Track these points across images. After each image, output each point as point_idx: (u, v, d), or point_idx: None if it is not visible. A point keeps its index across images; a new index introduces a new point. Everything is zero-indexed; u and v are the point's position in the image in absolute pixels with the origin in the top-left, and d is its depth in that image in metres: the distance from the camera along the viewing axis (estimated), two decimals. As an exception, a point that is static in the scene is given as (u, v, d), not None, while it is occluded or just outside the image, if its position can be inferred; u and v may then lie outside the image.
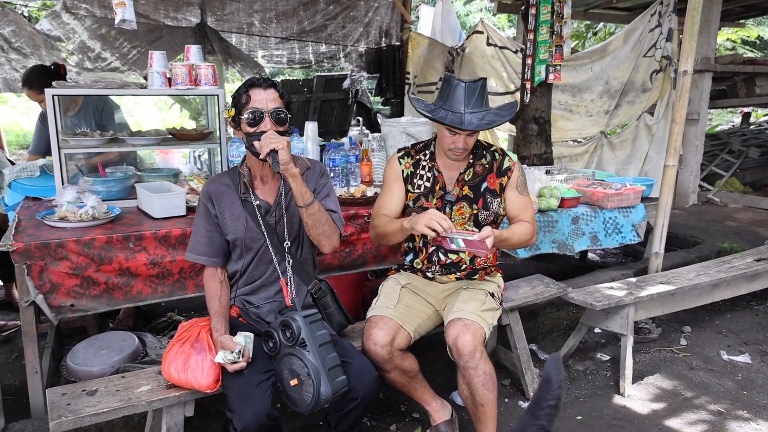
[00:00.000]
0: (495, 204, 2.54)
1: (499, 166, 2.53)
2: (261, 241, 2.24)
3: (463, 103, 2.33)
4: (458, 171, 2.53)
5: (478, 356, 2.29)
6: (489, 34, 5.84)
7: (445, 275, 2.62)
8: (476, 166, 2.53)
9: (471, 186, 2.52)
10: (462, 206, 2.52)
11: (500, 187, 2.53)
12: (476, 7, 13.96)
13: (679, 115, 3.80)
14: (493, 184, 2.52)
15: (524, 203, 2.56)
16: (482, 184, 2.52)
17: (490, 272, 2.68)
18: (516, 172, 2.54)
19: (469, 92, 2.33)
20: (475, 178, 2.52)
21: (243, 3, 5.31)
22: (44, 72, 3.66)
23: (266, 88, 2.14)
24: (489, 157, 2.55)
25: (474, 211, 2.52)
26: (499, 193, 2.54)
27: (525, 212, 2.56)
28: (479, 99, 2.35)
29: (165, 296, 2.64)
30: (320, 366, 1.98)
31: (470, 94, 2.33)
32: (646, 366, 3.45)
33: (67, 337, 3.55)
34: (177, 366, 2.08)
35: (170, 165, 4.48)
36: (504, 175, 2.53)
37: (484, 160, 2.54)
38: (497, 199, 2.54)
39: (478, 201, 2.52)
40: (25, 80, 3.72)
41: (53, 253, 2.39)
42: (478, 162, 2.54)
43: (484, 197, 2.52)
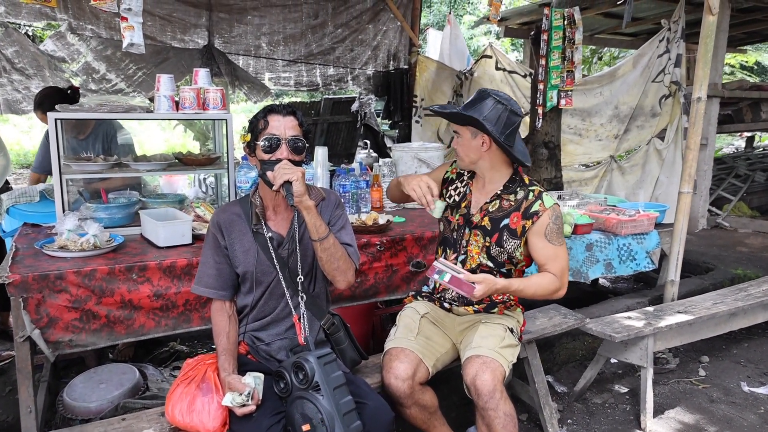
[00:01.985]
0: (511, 244, 2.38)
1: (527, 207, 2.37)
2: (272, 275, 2.13)
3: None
4: (485, 198, 2.44)
5: (498, 396, 2.18)
6: (498, 58, 5.82)
7: (463, 306, 2.51)
8: (504, 199, 2.41)
9: (492, 218, 2.41)
10: (477, 234, 2.43)
11: (522, 230, 2.37)
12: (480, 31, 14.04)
13: (693, 141, 3.74)
14: (515, 224, 2.38)
15: (554, 253, 2.35)
16: (503, 220, 2.39)
17: (509, 306, 2.56)
18: (545, 219, 2.34)
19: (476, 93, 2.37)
20: (499, 212, 2.40)
21: (251, 26, 5.28)
22: (58, 94, 3.52)
23: (285, 115, 2.07)
24: (521, 195, 2.40)
25: (487, 244, 2.41)
26: (519, 236, 2.38)
27: (553, 263, 2.35)
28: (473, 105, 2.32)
29: (169, 330, 2.52)
30: (335, 411, 1.86)
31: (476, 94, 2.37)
32: (665, 398, 3.35)
33: (64, 368, 3.42)
34: (182, 408, 1.96)
35: (175, 189, 4.39)
36: (530, 218, 2.36)
37: (514, 197, 2.40)
38: (516, 240, 2.38)
39: (493, 235, 2.39)
40: (38, 103, 3.57)
41: (52, 285, 2.28)
42: (507, 196, 2.41)
43: (501, 233, 2.39)
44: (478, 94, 2.35)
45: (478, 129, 2.29)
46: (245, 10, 5.17)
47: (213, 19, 5.14)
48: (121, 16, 2.50)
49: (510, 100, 2.31)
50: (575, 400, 3.32)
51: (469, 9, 15.21)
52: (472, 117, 2.24)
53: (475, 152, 2.36)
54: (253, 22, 5.29)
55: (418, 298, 2.65)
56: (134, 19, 2.52)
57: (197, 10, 5.03)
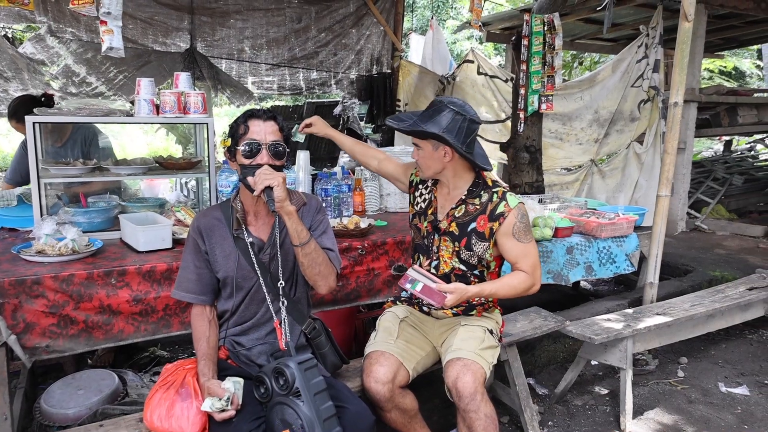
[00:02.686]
0: (480, 247, 2.39)
1: (492, 210, 2.37)
2: (253, 280, 2.13)
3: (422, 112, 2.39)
4: (451, 204, 2.45)
5: (479, 398, 2.19)
6: (480, 63, 5.86)
7: (441, 309, 2.52)
8: (469, 204, 2.42)
9: (459, 223, 2.41)
10: (446, 240, 2.43)
11: (490, 232, 2.38)
12: (464, 35, 14.12)
13: (670, 145, 3.80)
14: (483, 227, 2.38)
15: (523, 251, 2.37)
16: (470, 224, 2.39)
17: (488, 308, 2.58)
18: (511, 219, 2.34)
19: (430, 106, 2.37)
20: (465, 216, 2.41)
21: (234, 29, 5.26)
22: (33, 103, 3.42)
23: (266, 120, 2.07)
24: (486, 197, 2.40)
25: (456, 248, 2.42)
26: (487, 238, 2.38)
27: (524, 261, 2.37)
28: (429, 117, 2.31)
29: (149, 335, 2.50)
30: (315, 417, 1.86)
31: (430, 106, 2.37)
32: (645, 400, 3.39)
33: (42, 375, 3.38)
34: (160, 414, 1.95)
35: (156, 192, 4.37)
36: (496, 220, 2.36)
37: (478, 200, 2.41)
38: (484, 243, 2.39)
39: (462, 240, 2.40)
40: (12, 112, 3.50)
41: (28, 290, 2.25)
42: (472, 200, 2.42)
43: (469, 237, 2.39)
44: (433, 105, 2.35)
45: (440, 142, 2.30)
46: (228, 14, 5.16)
47: (195, 22, 5.12)
48: (100, 19, 2.49)
49: (466, 108, 2.31)
50: (556, 402, 3.35)
51: (452, 14, 15.29)
52: (431, 132, 2.25)
53: (437, 163, 2.36)
54: (236, 26, 5.28)
55: (397, 302, 2.66)
56: (113, 23, 2.50)
57: (179, 14, 5.00)
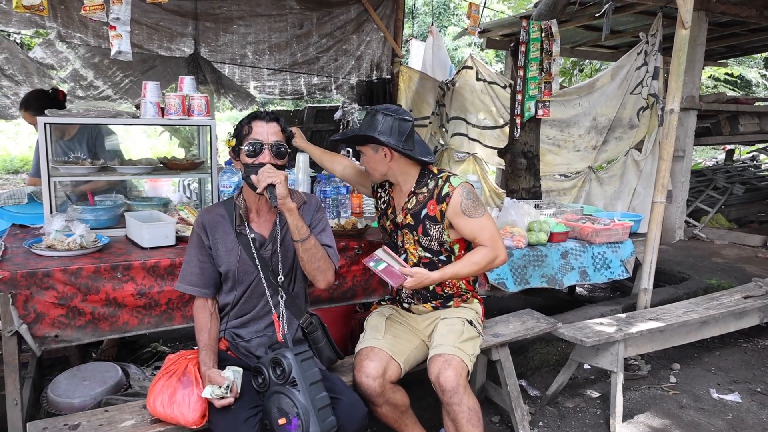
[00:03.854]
0: (436, 230, 2.50)
1: (438, 193, 2.49)
2: (254, 275, 2.22)
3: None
4: (404, 199, 2.57)
5: (462, 391, 2.27)
6: (478, 69, 5.93)
7: (421, 304, 2.62)
8: (418, 194, 2.54)
9: (412, 213, 2.54)
10: (406, 233, 2.56)
11: (441, 214, 2.48)
12: (464, 42, 14.22)
13: (666, 152, 3.86)
14: (433, 211, 2.49)
15: (478, 225, 2.45)
16: (422, 211, 2.52)
17: (466, 299, 2.67)
18: (456, 197, 2.44)
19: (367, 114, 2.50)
20: (417, 206, 2.53)
21: (237, 35, 5.36)
22: (44, 96, 3.63)
23: (269, 122, 2.17)
24: (432, 184, 2.52)
25: (415, 237, 2.54)
26: (439, 220, 2.49)
27: (481, 234, 2.45)
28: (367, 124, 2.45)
29: (152, 327, 2.59)
30: (310, 406, 1.94)
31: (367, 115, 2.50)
32: (636, 404, 3.43)
33: (49, 367, 3.47)
34: (162, 400, 2.03)
35: (159, 193, 4.46)
36: (443, 201, 2.47)
37: (426, 189, 2.53)
38: (438, 225, 2.50)
39: (418, 228, 2.52)
40: (23, 102, 3.67)
41: (39, 282, 2.34)
42: (420, 190, 2.54)
43: (423, 224, 2.51)
44: (368, 113, 2.51)
45: (377, 144, 2.43)
46: (231, 20, 5.26)
47: (199, 28, 5.22)
48: (109, 25, 2.59)
49: (398, 110, 2.47)
50: (547, 403, 3.40)
51: (453, 20, 15.40)
52: (366, 135, 2.40)
53: (381, 164, 2.49)
54: (239, 32, 5.37)
55: (381, 303, 2.78)
56: (122, 28, 2.60)
57: (184, 20, 5.10)
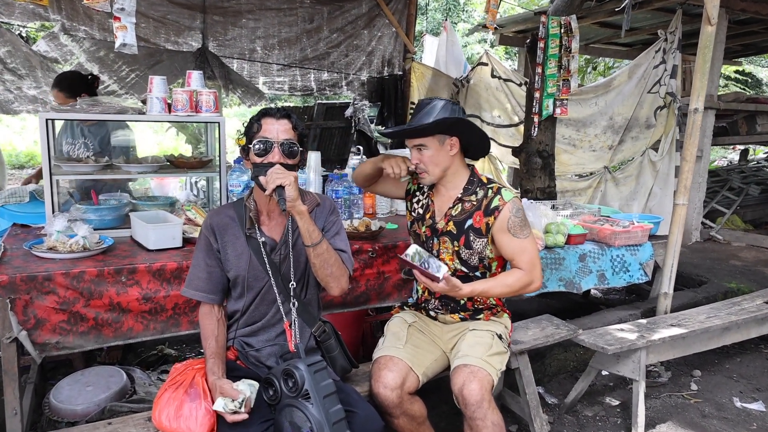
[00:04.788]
0: (479, 244, 2.37)
1: (487, 204, 2.36)
2: (264, 280, 2.11)
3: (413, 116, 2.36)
4: (448, 204, 2.43)
5: (486, 406, 2.16)
6: (494, 66, 5.82)
7: (448, 314, 2.50)
8: (465, 201, 2.40)
9: (456, 222, 2.40)
10: (445, 241, 2.42)
11: (486, 227, 2.35)
12: (475, 39, 14.08)
13: (689, 153, 3.74)
14: (479, 223, 2.36)
15: (519, 247, 2.32)
16: (467, 221, 2.38)
17: (496, 312, 2.55)
18: (506, 213, 2.32)
19: (419, 106, 2.35)
20: (462, 214, 2.40)
21: (245, 29, 5.25)
22: (80, 80, 3.58)
23: (279, 118, 2.05)
24: (481, 194, 2.39)
25: (456, 248, 2.40)
26: (484, 234, 2.36)
27: (521, 257, 2.32)
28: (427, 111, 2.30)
29: (157, 333, 2.49)
30: (324, 420, 1.84)
31: (419, 107, 2.35)
32: (657, 412, 3.32)
33: (51, 370, 3.39)
34: (169, 413, 1.93)
35: (166, 191, 4.37)
36: (491, 214, 2.34)
37: (475, 197, 2.39)
38: (482, 239, 2.37)
39: (460, 238, 2.38)
40: (57, 81, 3.62)
41: (40, 286, 2.24)
42: (468, 198, 2.40)
43: (466, 235, 2.37)
44: (420, 105, 2.36)
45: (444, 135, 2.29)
46: (240, 14, 5.15)
47: (207, 21, 5.11)
48: (113, 15, 2.48)
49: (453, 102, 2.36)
50: (566, 412, 3.30)
51: (463, 17, 15.25)
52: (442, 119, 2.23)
53: (445, 159, 2.35)
54: (248, 26, 5.26)
55: (404, 308, 2.64)
56: (127, 19, 2.49)
57: (191, 13, 5.00)
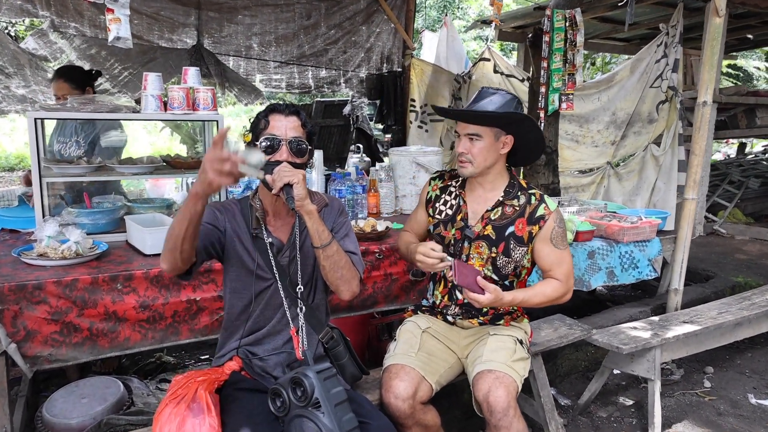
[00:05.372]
0: (518, 253, 2.27)
1: (532, 212, 2.26)
2: (271, 283, 2.00)
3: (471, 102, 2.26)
4: (486, 206, 2.30)
5: (512, 414, 2.05)
6: (496, 61, 5.71)
7: (467, 319, 2.38)
8: (506, 205, 2.28)
9: (496, 226, 2.27)
10: (481, 246, 2.28)
11: (529, 236, 2.26)
12: (470, 36, 13.99)
13: (698, 146, 3.67)
14: (521, 231, 2.26)
15: (559, 258, 2.27)
16: (508, 228, 2.26)
17: (516, 317, 2.44)
18: (551, 223, 2.25)
19: (482, 94, 2.24)
20: (503, 219, 2.27)
21: (242, 25, 5.12)
22: (84, 72, 3.54)
23: (288, 115, 1.95)
24: (524, 200, 2.28)
25: (493, 255, 2.27)
26: (526, 242, 2.26)
27: (558, 269, 2.26)
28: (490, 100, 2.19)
29: (156, 342, 2.37)
30: (336, 429, 1.73)
31: (482, 95, 2.24)
32: (672, 411, 3.24)
33: (44, 381, 3.26)
34: (170, 430, 1.80)
35: (161, 193, 4.25)
36: (536, 223, 2.25)
37: (517, 202, 2.28)
38: (523, 248, 2.27)
39: (500, 245, 2.26)
40: (64, 71, 3.55)
41: (30, 296, 2.12)
42: (510, 201, 2.28)
43: (507, 242, 2.26)
44: (484, 91, 2.25)
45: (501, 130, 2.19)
46: (236, 10, 5.02)
47: (202, 18, 4.98)
48: (107, 7, 2.36)
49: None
50: (580, 413, 3.21)
51: (458, 14, 15.16)
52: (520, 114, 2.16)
53: (494, 155, 2.23)
54: (244, 22, 5.13)
55: (418, 312, 2.50)
56: (121, 11, 2.37)
57: (186, 9, 4.86)
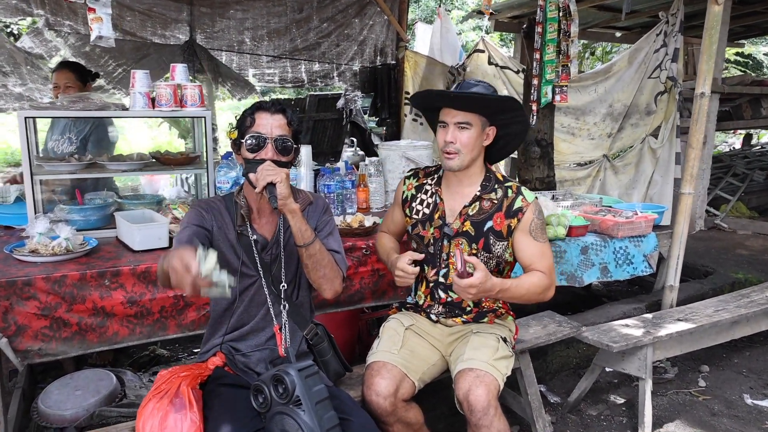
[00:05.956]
0: (499, 247, 2.25)
1: (509, 205, 2.23)
2: (255, 280, 2.01)
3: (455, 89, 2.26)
4: (463, 202, 2.28)
5: (492, 412, 2.04)
6: (490, 53, 5.69)
7: (450, 318, 2.37)
8: (484, 200, 2.25)
9: (474, 222, 2.25)
10: (460, 243, 2.26)
11: (507, 230, 2.23)
12: (469, 26, 13.90)
13: (695, 139, 3.64)
14: (500, 225, 2.23)
15: (540, 251, 2.22)
16: (487, 223, 2.24)
17: (500, 314, 2.42)
18: (529, 215, 2.21)
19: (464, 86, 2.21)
20: (480, 214, 2.25)
21: (234, 20, 5.12)
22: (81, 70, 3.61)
23: (273, 113, 1.95)
24: (500, 193, 2.26)
25: (473, 251, 2.26)
26: (505, 236, 2.24)
27: (540, 261, 2.21)
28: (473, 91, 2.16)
29: (144, 337, 2.40)
30: (317, 428, 1.74)
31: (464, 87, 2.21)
32: (664, 411, 3.23)
33: (42, 372, 3.31)
34: (153, 425, 1.83)
35: (156, 188, 4.26)
36: (514, 216, 2.22)
37: (494, 195, 2.26)
38: (502, 242, 2.25)
39: (479, 241, 2.24)
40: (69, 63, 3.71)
41: (20, 291, 2.16)
42: (487, 196, 2.26)
43: (486, 238, 2.24)
44: (464, 84, 2.22)
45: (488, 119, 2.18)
46: (227, 5, 5.02)
47: (194, 13, 4.99)
48: (88, 7, 2.37)
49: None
50: (569, 411, 3.20)
51: (457, 4, 15.07)
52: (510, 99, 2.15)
53: (478, 148, 2.21)
54: (236, 17, 5.13)
55: (402, 309, 2.50)
56: (102, 10, 2.38)
57: (178, 5, 4.87)
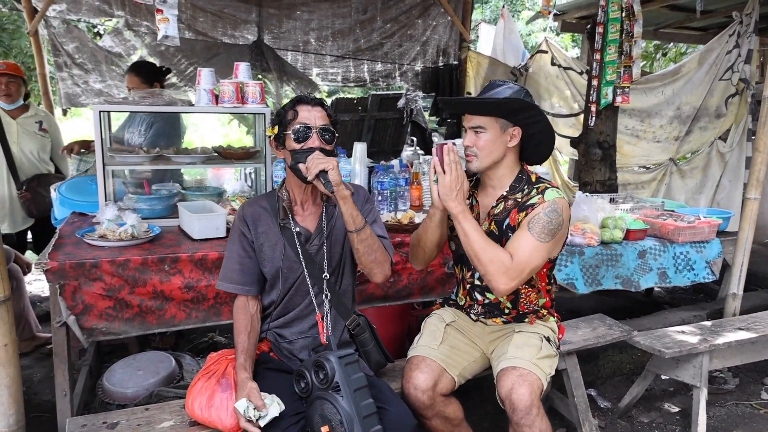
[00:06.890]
0: None
1: (524, 201, 2.17)
2: (299, 271, 2.09)
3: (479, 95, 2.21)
4: (491, 203, 2.26)
5: (535, 412, 2.03)
6: (553, 53, 5.60)
7: (490, 318, 2.37)
8: (509, 200, 2.22)
9: (497, 221, 2.22)
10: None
11: (519, 225, 2.16)
12: (539, 27, 13.66)
13: (762, 143, 3.48)
14: (514, 221, 2.18)
15: (524, 242, 2.06)
16: (505, 221, 2.20)
17: (542, 315, 2.37)
18: (538, 210, 2.10)
19: (489, 86, 2.18)
20: (503, 213, 2.22)
21: (300, 21, 5.29)
22: (154, 68, 3.78)
23: (314, 105, 2.05)
24: (525, 192, 2.20)
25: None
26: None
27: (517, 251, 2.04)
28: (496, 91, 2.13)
29: (199, 322, 2.53)
30: (354, 413, 1.80)
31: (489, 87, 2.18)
32: (721, 422, 3.11)
33: (108, 353, 3.52)
34: (201, 403, 1.94)
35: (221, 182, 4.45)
36: (524, 210, 2.15)
37: (520, 195, 2.21)
38: None
39: (502, 240, 2.19)
40: (136, 66, 3.82)
41: (87, 273, 2.32)
42: (512, 196, 2.22)
43: (507, 236, 2.19)
44: (493, 83, 2.19)
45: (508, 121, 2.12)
46: (294, 6, 5.19)
47: (262, 14, 5.18)
48: (156, 8, 2.53)
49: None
50: (619, 417, 3.14)
51: (528, 4, 14.83)
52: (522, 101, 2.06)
53: (500, 150, 2.17)
54: (302, 18, 5.30)
55: (445, 305, 2.52)
56: (169, 11, 2.53)
57: (247, 6, 5.08)
